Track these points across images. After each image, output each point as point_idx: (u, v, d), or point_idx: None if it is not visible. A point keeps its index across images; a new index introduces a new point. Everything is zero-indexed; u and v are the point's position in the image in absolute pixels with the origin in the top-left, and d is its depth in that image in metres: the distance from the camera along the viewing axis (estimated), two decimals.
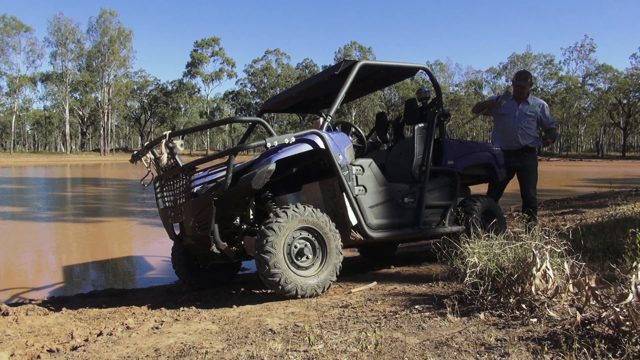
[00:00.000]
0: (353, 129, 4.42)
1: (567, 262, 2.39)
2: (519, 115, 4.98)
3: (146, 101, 76.64)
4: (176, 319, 2.89)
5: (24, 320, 3.15)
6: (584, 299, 2.11)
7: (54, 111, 74.32)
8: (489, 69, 79.15)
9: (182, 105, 76.14)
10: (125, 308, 3.46)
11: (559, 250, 2.48)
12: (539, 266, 2.29)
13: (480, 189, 5.39)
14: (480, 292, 2.51)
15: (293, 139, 3.36)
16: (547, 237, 2.56)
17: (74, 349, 2.44)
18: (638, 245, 2.32)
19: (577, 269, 2.38)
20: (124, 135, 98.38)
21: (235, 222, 3.58)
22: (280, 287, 3.04)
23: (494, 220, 4.02)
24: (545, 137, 5.23)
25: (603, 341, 1.78)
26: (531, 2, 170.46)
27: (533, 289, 2.27)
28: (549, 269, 2.29)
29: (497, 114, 5.15)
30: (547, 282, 2.28)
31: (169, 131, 3.54)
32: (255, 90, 76.02)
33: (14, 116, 67.18)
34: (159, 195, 3.91)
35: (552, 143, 5.37)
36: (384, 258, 4.97)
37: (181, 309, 3.19)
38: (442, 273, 3.20)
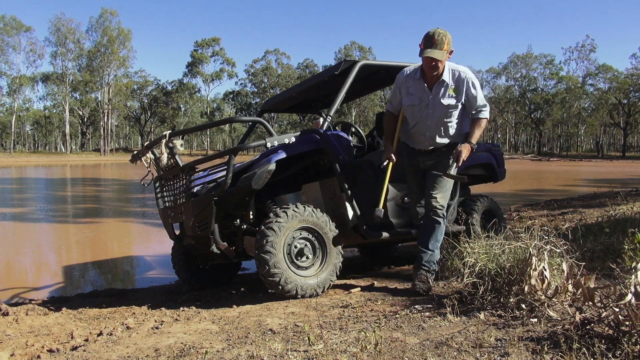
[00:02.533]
0: (353, 129, 4.42)
1: (566, 262, 2.39)
2: (432, 106, 3.11)
3: (146, 101, 76.62)
4: (176, 319, 2.89)
5: (24, 320, 3.15)
6: (583, 299, 2.11)
7: (54, 111, 74.42)
8: (489, 69, 79.04)
9: (182, 105, 76.08)
10: (125, 308, 3.46)
11: (558, 250, 2.48)
12: (534, 266, 2.29)
13: (480, 189, 5.39)
14: (480, 292, 2.51)
15: (293, 139, 3.36)
16: (546, 237, 2.56)
17: (74, 349, 2.44)
18: (638, 245, 2.33)
19: (577, 269, 2.38)
20: (124, 135, 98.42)
21: (235, 222, 3.59)
22: (280, 287, 3.04)
23: (494, 220, 4.02)
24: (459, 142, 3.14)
25: (603, 341, 1.78)
26: (531, 2, 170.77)
27: (527, 288, 2.28)
28: (545, 269, 2.30)
29: (403, 106, 3.26)
30: (542, 282, 2.29)
31: (169, 131, 3.54)
32: (256, 90, 76.03)
33: (14, 116, 67.19)
34: (159, 195, 3.91)
35: (464, 154, 3.03)
36: (384, 258, 4.97)
37: (181, 309, 3.19)
38: (442, 273, 3.20)
